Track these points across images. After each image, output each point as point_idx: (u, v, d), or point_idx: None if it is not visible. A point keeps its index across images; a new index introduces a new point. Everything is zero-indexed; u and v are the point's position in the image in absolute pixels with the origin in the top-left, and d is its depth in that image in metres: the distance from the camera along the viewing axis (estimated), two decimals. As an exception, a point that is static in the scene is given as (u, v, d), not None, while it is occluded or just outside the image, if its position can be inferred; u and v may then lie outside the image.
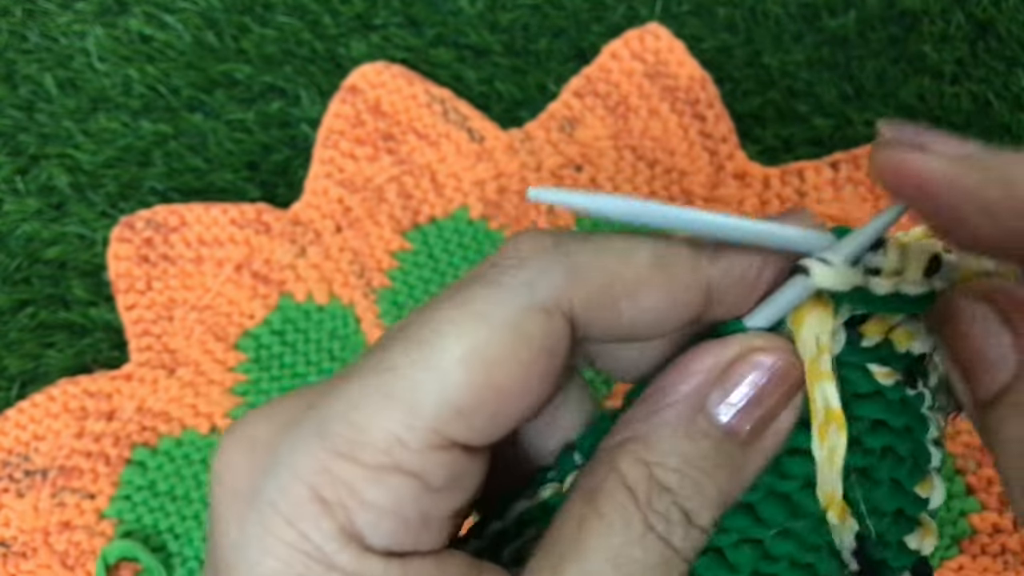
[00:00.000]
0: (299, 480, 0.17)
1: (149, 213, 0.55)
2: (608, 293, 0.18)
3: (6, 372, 0.54)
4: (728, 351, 0.19)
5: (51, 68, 0.59)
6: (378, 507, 0.17)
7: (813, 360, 0.19)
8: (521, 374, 0.18)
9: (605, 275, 0.18)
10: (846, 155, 0.53)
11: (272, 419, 0.19)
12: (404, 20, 0.58)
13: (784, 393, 0.19)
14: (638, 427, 0.19)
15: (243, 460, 0.19)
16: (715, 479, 0.19)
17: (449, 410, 0.17)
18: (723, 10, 0.57)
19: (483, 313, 0.18)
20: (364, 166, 0.56)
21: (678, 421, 0.19)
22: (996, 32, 0.56)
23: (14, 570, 0.51)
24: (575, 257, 0.19)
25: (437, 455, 0.17)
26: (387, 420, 0.17)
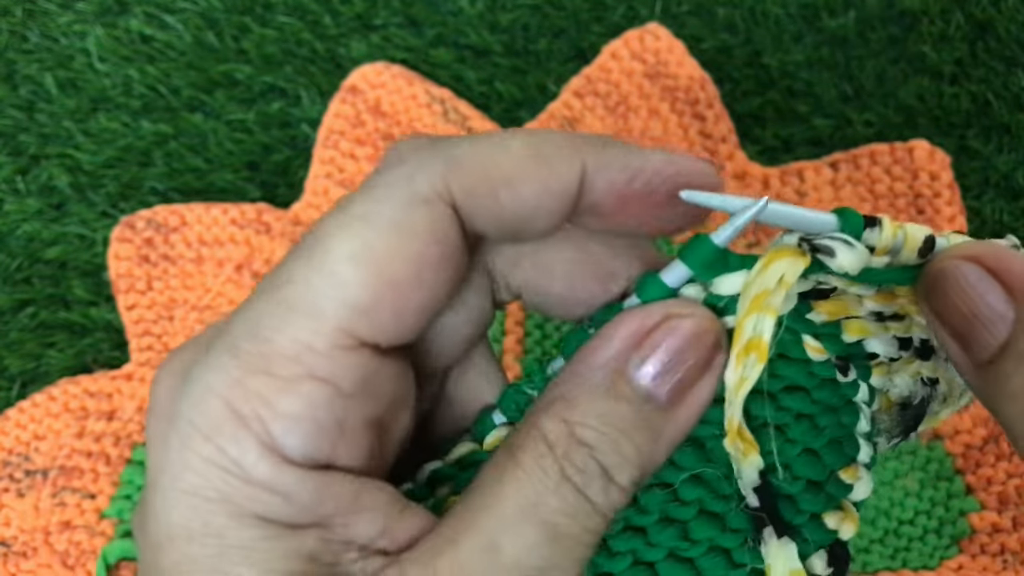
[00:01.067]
0: (214, 396, 0.18)
1: (149, 213, 0.55)
2: (486, 181, 0.19)
3: (7, 372, 0.54)
4: (649, 317, 0.20)
5: (51, 68, 0.59)
6: (292, 415, 0.17)
7: (766, 293, 0.19)
8: (413, 266, 0.18)
9: (482, 164, 0.19)
10: (846, 155, 0.53)
11: (191, 348, 0.19)
12: (404, 20, 0.58)
13: (701, 358, 0.19)
14: (562, 388, 0.20)
15: (167, 388, 0.19)
16: (634, 440, 0.19)
17: (349, 309, 0.18)
18: (723, 10, 0.57)
19: (365, 213, 0.18)
20: (364, 166, 0.56)
21: (600, 383, 0.19)
22: (995, 32, 0.56)
23: (15, 570, 0.51)
24: (452, 150, 0.19)
25: (346, 357, 0.18)
26: (292, 328, 0.18)
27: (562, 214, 0.20)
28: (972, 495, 0.49)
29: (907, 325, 0.22)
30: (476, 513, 0.18)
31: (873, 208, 0.53)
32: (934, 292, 0.20)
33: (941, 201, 0.52)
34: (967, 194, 0.53)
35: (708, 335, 0.20)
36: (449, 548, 0.18)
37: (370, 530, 0.19)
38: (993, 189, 0.54)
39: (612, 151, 0.20)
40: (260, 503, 0.18)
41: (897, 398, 0.22)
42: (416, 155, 0.19)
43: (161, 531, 0.18)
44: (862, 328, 0.21)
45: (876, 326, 0.21)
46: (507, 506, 0.18)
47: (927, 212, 0.53)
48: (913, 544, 0.48)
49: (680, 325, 0.19)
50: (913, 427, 0.23)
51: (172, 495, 0.18)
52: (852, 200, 0.53)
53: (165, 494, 0.18)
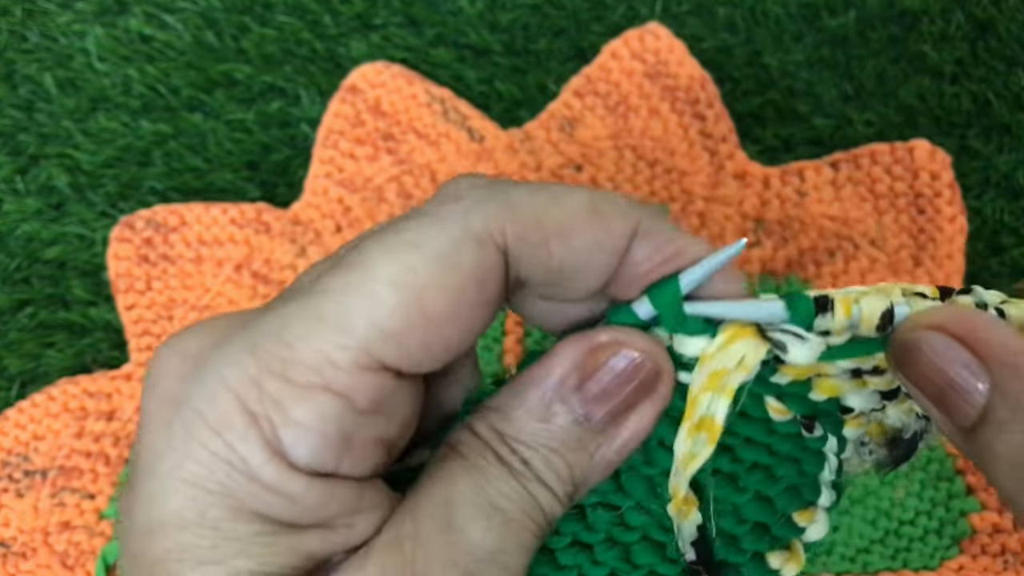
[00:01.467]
0: (228, 391, 0.18)
1: (149, 213, 0.55)
2: (541, 229, 0.19)
3: (6, 372, 0.54)
4: (594, 340, 0.20)
5: (51, 68, 0.59)
6: (303, 424, 0.17)
7: (724, 372, 0.20)
8: (451, 301, 0.18)
9: (539, 211, 0.19)
10: (846, 155, 0.53)
11: (206, 334, 0.19)
12: (404, 20, 0.58)
13: (640, 388, 0.20)
14: (499, 400, 0.20)
15: (175, 369, 0.19)
16: (566, 459, 0.19)
17: (379, 332, 0.18)
18: (723, 10, 0.57)
19: (414, 240, 0.18)
20: (364, 166, 0.56)
21: (535, 402, 0.19)
22: (996, 32, 0.56)
23: (14, 570, 0.51)
24: (511, 194, 0.19)
25: (365, 377, 0.18)
26: (318, 339, 0.18)
27: (607, 274, 0.20)
28: (973, 495, 0.49)
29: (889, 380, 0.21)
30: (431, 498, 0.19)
31: (874, 208, 0.53)
32: (904, 363, 0.20)
33: (941, 201, 0.52)
34: (967, 194, 0.53)
35: (651, 363, 0.20)
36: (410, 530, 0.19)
37: (369, 530, 0.19)
38: (993, 189, 0.54)
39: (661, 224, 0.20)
40: (263, 502, 0.18)
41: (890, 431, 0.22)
42: (473, 193, 0.19)
43: (153, 517, 0.18)
44: (834, 387, 0.21)
45: (852, 383, 0.21)
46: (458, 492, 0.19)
47: (927, 212, 0.53)
48: (914, 544, 0.48)
49: (623, 351, 0.20)
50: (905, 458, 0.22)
51: (170, 483, 0.18)
52: (852, 199, 0.53)
53: (163, 480, 0.18)
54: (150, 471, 0.18)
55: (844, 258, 0.52)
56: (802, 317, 0.20)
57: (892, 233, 0.53)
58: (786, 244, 0.53)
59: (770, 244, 0.53)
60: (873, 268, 0.52)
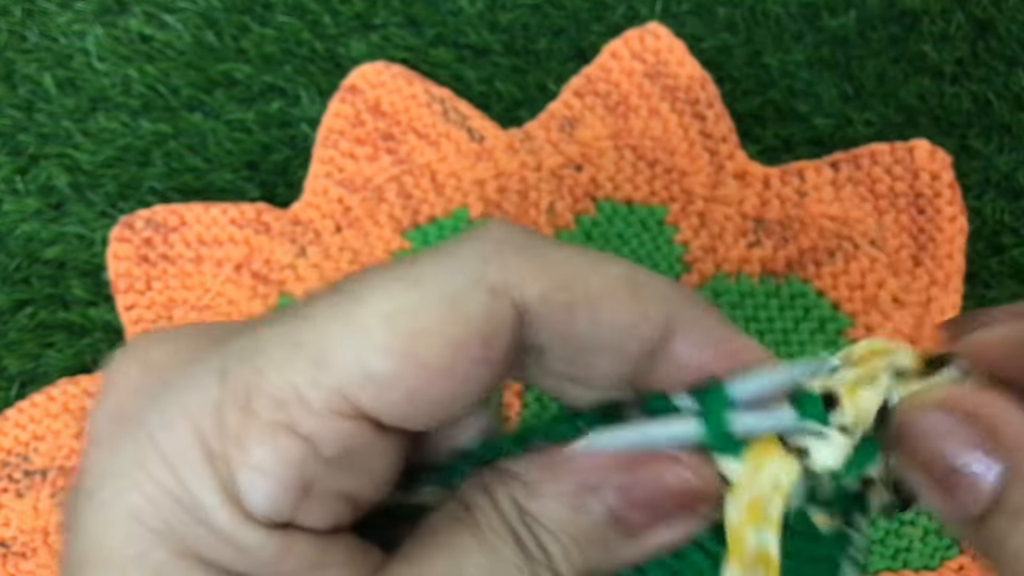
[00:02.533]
0: (186, 418, 0.16)
1: (148, 213, 0.55)
2: (567, 292, 0.17)
3: (5, 372, 0.54)
4: None
5: (50, 68, 0.59)
6: (260, 468, 0.16)
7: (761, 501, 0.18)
8: (448, 353, 0.16)
9: (569, 272, 0.17)
10: (846, 155, 0.53)
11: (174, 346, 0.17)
12: (404, 20, 0.58)
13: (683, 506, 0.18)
14: (528, 471, 0.18)
15: (133, 381, 0.17)
16: (587, 554, 0.18)
17: (359, 373, 0.16)
18: (723, 10, 0.57)
19: (419, 277, 0.16)
20: (364, 166, 0.56)
21: (568, 489, 0.18)
22: (996, 32, 0.56)
23: (13, 570, 0.51)
24: (542, 248, 0.17)
25: (337, 422, 0.16)
26: (291, 370, 0.16)
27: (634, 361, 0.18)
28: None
29: None
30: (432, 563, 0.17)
31: (874, 208, 0.53)
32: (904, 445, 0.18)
33: (942, 201, 0.52)
34: (968, 194, 0.53)
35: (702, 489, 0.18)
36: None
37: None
38: (994, 189, 0.54)
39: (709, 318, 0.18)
40: (213, 549, 0.16)
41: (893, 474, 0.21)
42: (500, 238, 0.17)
43: (91, 549, 0.16)
44: None
45: None
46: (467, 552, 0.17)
47: (928, 212, 0.53)
48: (914, 544, 0.48)
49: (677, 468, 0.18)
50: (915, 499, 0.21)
51: (113, 513, 0.16)
52: (852, 200, 0.53)
53: (105, 509, 0.16)
54: (92, 494, 0.16)
55: (844, 258, 0.52)
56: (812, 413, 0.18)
57: (892, 233, 0.53)
58: (786, 244, 0.53)
59: (770, 244, 0.53)
60: (873, 268, 0.52)
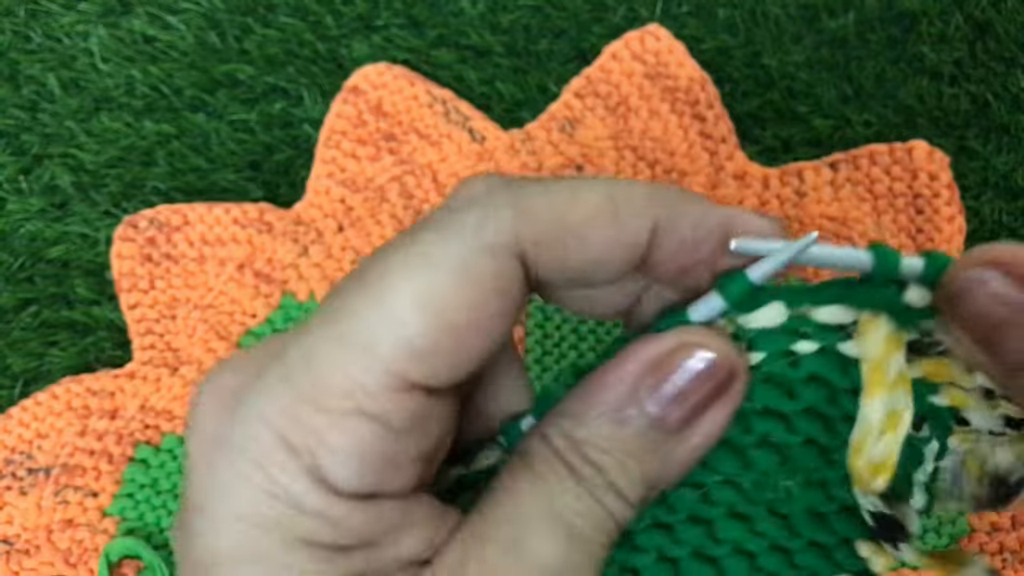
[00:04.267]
0: (266, 426, 0.18)
1: (152, 212, 0.55)
2: (557, 231, 0.19)
3: (9, 371, 0.54)
4: (664, 344, 0.20)
5: (54, 68, 0.59)
6: (342, 450, 0.18)
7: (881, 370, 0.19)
8: (474, 314, 0.18)
9: (554, 213, 0.19)
10: (845, 155, 0.54)
11: (240, 369, 0.19)
12: (406, 21, 0.58)
13: (715, 387, 0.20)
14: (571, 406, 0.20)
15: (213, 409, 0.19)
16: (642, 463, 0.19)
17: (405, 352, 0.18)
18: (723, 11, 0.57)
19: (432, 255, 0.18)
20: (366, 166, 0.56)
21: (608, 406, 0.19)
22: (995, 33, 0.56)
23: (17, 568, 0.51)
24: (524, 197, 0.19)
25: (398, 397, 0.18)
26: (346, 365, 0.18)
27: (628, 266, 0.20)
28: (971, 494, 0.49)
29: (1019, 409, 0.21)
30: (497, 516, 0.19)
31: (873, 208, 0.53)
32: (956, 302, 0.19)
33: (940, 201, 0.53)
34: (966, 194, 0.53)
35: (726, 364, 0.20)
36: (475, 551, 0.19)
37: (417, 545, 0.19)
38: (992, 189, 0.54)
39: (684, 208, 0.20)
40: (309, 530, 0.18)
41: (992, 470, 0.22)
42: (487, 198, 0.19)
43: (207, 555, 0.18)
44: (962, 400, 0.21)
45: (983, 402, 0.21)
46: (525, 508, 0.19)
47: (926, 212, 0.53)
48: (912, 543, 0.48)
49: (698, 353, 0.19)
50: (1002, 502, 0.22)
51: (220, 520, 0.18)
52: (851, 200, 0.53)
53: (212, 518, 0.18)
54: (200, 509, 0.19)
55: (843, 258, 0.53)
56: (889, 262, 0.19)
57: (891, 233, 0.53)
58: (785, 244, 0.53)
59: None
60: (872, 268, 0.52)
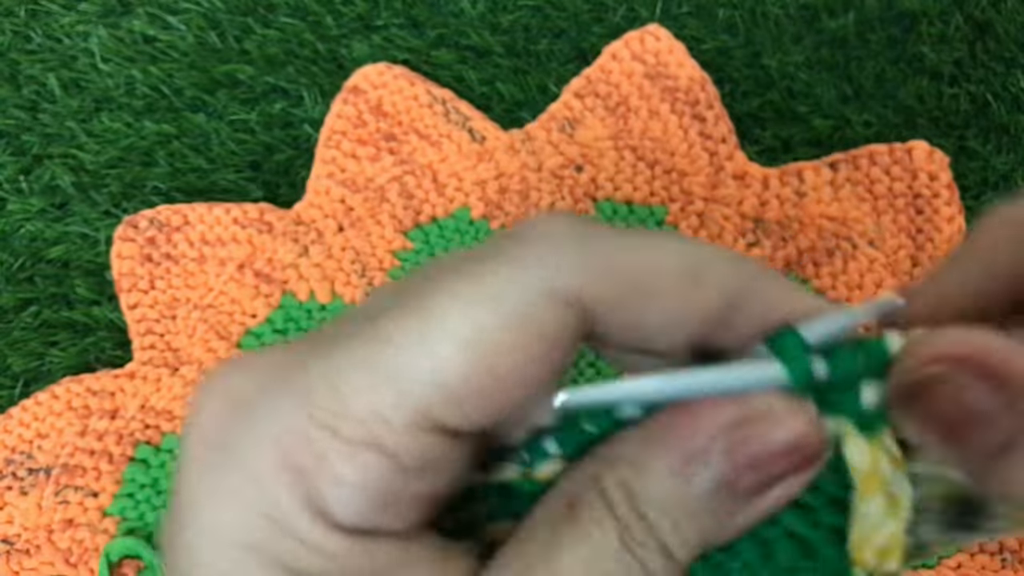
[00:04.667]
0: (273, 441, 0.17)
1: (152, 212, 0.55)
2: (629, 292, 0.18)
3: (10, 371, 0.54)
4: (748, 407, 0.18)
5: (55, 68, 0.59)
6: (349, 483, 0.17)
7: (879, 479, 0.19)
8: (521, 363, 0.17)
9: (628, 273, 0.18)
10: (845, 155, 0.54)
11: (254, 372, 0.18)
12: (406, 21, 0.59)
13: (794, 464, 0.18)
14: (633, 450, 0.18)
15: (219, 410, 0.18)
16: (699, 523, 0.18)
17: (440, 394, 0.17)
18: (723, 11, 0.57)
19: (495, 293, 0.17)
20: (366, 166, 0.56)
21: (675, 459, 0.18)
22: (994, 33, 0.56)
23: (17, 568, 0.51)
24: (604, 249, 0.18)
25: (419, 436, 0.17)
26: (373, 394, 0.17)
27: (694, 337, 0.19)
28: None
29: None
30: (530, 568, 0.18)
31: (872, 208, 0.53)
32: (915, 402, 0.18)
33: (940, 201, 0.53)
34: (966, 194, 0.53)
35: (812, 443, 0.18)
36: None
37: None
38: (992, 190, 0.54)
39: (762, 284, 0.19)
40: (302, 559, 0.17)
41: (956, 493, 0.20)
42: (564, 243, 0.18)
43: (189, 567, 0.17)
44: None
45: None
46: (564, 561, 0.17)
47: (926, 212, 0.53)
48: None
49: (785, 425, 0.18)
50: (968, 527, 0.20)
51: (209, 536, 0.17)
52: (851, 200, 0.53)
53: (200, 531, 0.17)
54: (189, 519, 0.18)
55: (843, 258, 0.53)
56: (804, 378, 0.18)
57: (891, 233, 0.53)
58: (785, 244, 0.53)
59: (769, 244, 0.53)
60: (872, 268, 0.52)
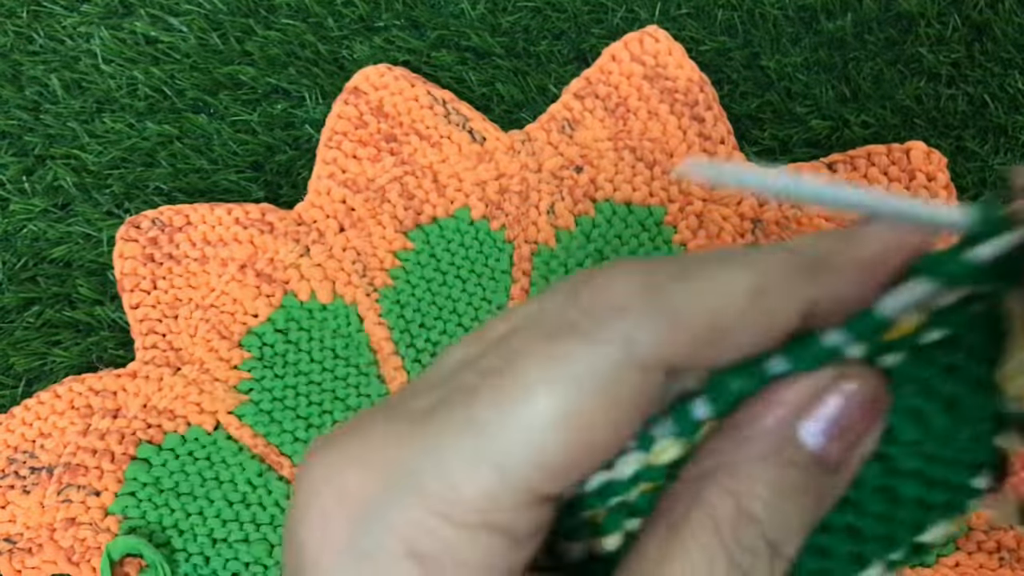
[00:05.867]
0: (395, 536, 0.18)
1: (154, 213, 0.55)
2: (707, 337, 0.18)
3: (12, 370, 0.55)
4: (817, 380, 0.19)
5: (57, 69, 0.59)
6: (472, 564, 0.18)
7: None
8: (613, 431, 0.18)
9: (705, 319, 0.18)
10: (843, 156, 0.54)
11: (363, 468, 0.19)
12: (406, 22, 0.59)
13: (871, 419, 0.19)
14: (725, 456, 0.19)
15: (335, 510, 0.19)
16: (801, 506, 0.19)
17: (540, 470, 0.18)
18: (722, 12, 0.57)
19: (575, 369, 0.18)
20: (367, 167, 0.56)
21: (768, 450, 0.18)
22: (992, 34, 0.56)
23: (20, 566, 0.51)
24: (674, 301, 0.18)
25: (528, 510, 0.18)
26: (480, 479, 0.18)
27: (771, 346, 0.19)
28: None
29: None
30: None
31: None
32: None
33: (938, 202, 0.53)
34: (964, 195, 0.53)
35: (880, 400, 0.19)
36: None
37: None
38: (990, 190, 0.54)
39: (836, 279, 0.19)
40: None
41: None
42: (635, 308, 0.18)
43: None
44: None
45: None
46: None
47: (924, 212, 0.53)
48: None
49: (853, 389, 0.19)
50: None
51: None
52: (850, 201, 0.54)
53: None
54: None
55: (841, 258, 0.53)
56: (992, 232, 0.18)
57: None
58: (784, 244, 0.53)
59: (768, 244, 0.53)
60: (870, 268, 0.53)
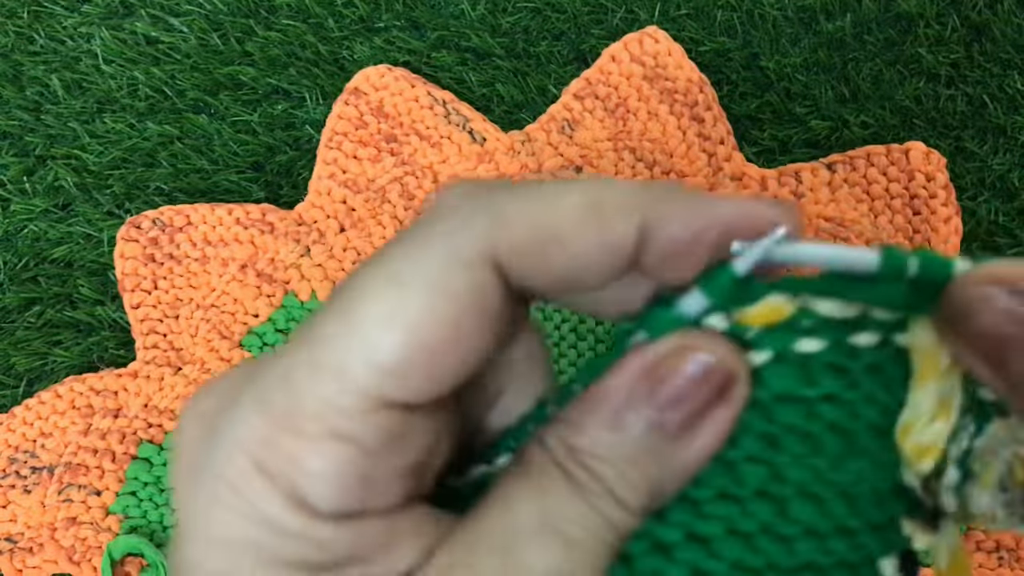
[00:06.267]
0: (242, 451, 0.18)
1: (155, 213, 0.55)
2: (535, 239, 0.18)
3: (13, 370, 0.55)
4: (661, 348, 0.19)
5: (58, 70, 0.59)
6: (319, 473, 0.18)
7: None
8: (449, 330, 0.18)
9: (531, 220, 0.18)
10: (842, 156, 0.54)
11: (219, 394, 0.20)
12: (407, 23, 0.59)
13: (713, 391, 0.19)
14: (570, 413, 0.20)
15: (193, 435, 0.19)
16: (642, 469, 0.19)
17: (377, 372, 0.18)
18: (721, 13, 0.57)
19: (401, 273, 0.18)
20: (367, 167, 0.56)
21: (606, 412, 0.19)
22: (991, 35, 0.56)
23: (21, 565, 0.51)
24: (500, 203, 0.19)
25: (373, 417, 0.18)
26: (320, 388, 0.18)
27: (616, 270, 0.19)
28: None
29: None
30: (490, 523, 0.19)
31: (870, 209, 0.54)
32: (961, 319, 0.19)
33: (937, 202, 0.53)
34: (962, 195, 0.54)
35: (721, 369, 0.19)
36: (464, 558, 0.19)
37: (411, 556, 0.19)
38: (988, 190, 0.54)
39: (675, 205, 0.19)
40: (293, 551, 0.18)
41: None
42: (462, 208, 0.19)
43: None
44: None
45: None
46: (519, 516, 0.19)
47: (923, 213, 0.53)
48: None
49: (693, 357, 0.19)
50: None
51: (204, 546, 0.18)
52: (848, 201, 0.54)
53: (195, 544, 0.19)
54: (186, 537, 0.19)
55: (840, 258, 0.53)
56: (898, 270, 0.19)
57: (888, 234, 0.53)
58: (783, 244, 0.53)
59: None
60: (869, 268, 0.53)
